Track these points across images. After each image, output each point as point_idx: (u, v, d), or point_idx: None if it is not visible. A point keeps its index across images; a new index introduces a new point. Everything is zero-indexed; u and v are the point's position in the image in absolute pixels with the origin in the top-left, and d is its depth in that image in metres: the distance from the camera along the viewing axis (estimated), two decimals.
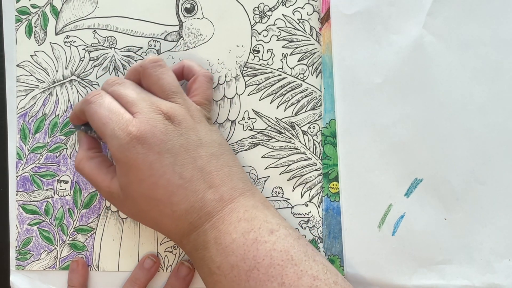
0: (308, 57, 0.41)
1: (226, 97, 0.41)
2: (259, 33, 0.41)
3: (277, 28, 0.41)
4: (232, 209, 0.34)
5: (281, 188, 0.41)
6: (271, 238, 0.33)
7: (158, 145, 0.34)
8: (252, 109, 0.41)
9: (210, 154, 0.35)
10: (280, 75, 0.41)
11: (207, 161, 0.35)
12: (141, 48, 0.42)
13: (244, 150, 0.41)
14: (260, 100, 0.41)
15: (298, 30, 0.41)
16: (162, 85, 0.36)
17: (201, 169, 0.34)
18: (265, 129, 0.41)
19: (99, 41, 0.42)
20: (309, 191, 0.40)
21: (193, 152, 0.35)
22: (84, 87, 0.42)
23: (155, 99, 0.36)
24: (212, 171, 0.35)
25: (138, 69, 0.37)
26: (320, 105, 0.41)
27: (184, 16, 0.41)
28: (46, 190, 0.42)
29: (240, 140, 0.41)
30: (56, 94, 0.42)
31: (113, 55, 0.42)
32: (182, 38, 0.41)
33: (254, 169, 0.41)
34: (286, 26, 0.41)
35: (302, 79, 0.41)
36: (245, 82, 0.41)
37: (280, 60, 0.41)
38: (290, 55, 0.41)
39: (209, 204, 0.34)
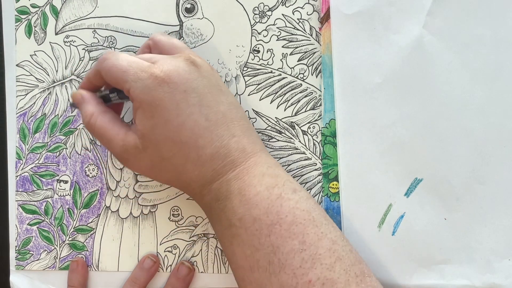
0: (308, 57, 0.41)
1: None
2: (259, 33, 0.41)
3: (277, 28, 0.41)
4: (255, 162, 0.34)
5: None
6: (295, 197, 0.33)
7: (184, 83, 0.33)
8: (252, 109, 0.41)
9: (229, 102, 0.35)
10: (280, 75, 0.41)
11: (228, 109, 0.35)
12: None
13: None
14: (260, 100, 0.41)
15: (298, 30, 0.41)
16: (173, 43, 0.37)
17: (224, 115, 0.34)
18: (265, 129, 0.41)
19: (99, 41, 0.42)
20: (309, 191, 0.40)
21: (216, 95, 0.34)
22: None
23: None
24: (234, 120, 0.34)
25: (148, 44, 0.38)
26: (320, 105, 0.41)
27: (185, 16, 0.41)
28: (45, 190, 0.42)
29: None
30: (56, 94, 0.42)
31: None
32: (182, 38, 0.41)
33: None
34: (286, 26, 0.41)
35: (302, 79, 0.41)
36: (245, 82, 0.41)
37: (280, 60, 0.41)
38: (290, 55, 0.41)
39: (233, 153, 0.34)
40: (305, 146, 0.41)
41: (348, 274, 0.31)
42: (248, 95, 0.41)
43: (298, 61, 0.41)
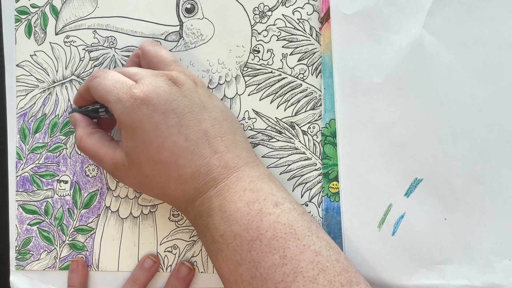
0: (308, 57, 0.41)
1: (227, 97, 0.41)
2: (259, 33, 0.41)
3: (277, 28, 0.41)
4: (237, 177, 0.34)
5: None
6: (276, 211, 0.33)
7: (162, 105, 0.34)
8: (253, 109, 0.41)
9: (213, 118, 0.35)
10: (280, 75, 0.41)
11: (211, 125, 0.35)
12: None
13: None
14: (260, 100, 0.41)
15: (298, 30, 0.41)
16: (161, 55, 0.38)
17: (205, 133, 0.34)
18: (265, 129, 0.41)
19: (99, 41, 0.42)
20: (309, 191, 0.41)
21: (197, 114, 0.35)
22: None
23: (156, 70, 0.37)
24: (217, 136, 0.35)
25: (137, 53, 0.39)
26: (320, 105, 0.41)
27: (185, 16, 0.41)
28: (46, 190, 0.42)
29: None
30: (56, 94, 0.42)
31: (113, 55, 0.42)
32: (182, 38, 0.41)
33: None
34: (286, 26, 0.41)
35: (302, 79, 0.41)
36: (245, 82, 0.41)
37: (280, 60, 0.41)
38: (290, 55, 0.41)
39: (215, 170, 0.34)
40: (305, 146, 0.41)
41: (332, 285, 0.31)
42: (248, 95, 0.41)
43: (298, 61, 0.41)
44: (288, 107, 0.41)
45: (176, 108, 0.34)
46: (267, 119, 0.41)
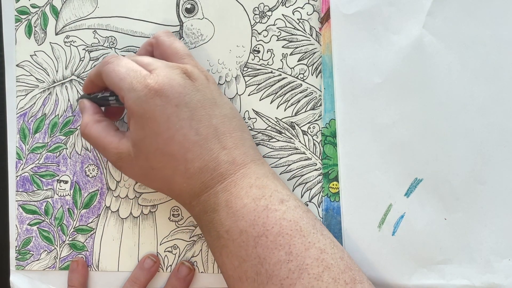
0: (308, 57, 0.41)
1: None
2: (259, 33, 0.41)
3: (277, 28, 0.41)
4: (244, 174, 0.34)
5: None
6: (282, 207, 0.33)
7: (176, 97, 0.34)
8: (253, 109, 0.41)
9: (223, 115, 0.35)
10: (280, 75, 0.41)
11: (221, 121, 0.35)
12: None
13: None
14: (260, 100, 0.41)
15: (298, 30, 0.41)
16: (176, 48, 0.37)
17: (216, 128, 0.35)
18: (265, 129, 0.41)
19: (99, 41, 0.42)
20: (309, 191, 0.41)
21: (208, 109, 0.35)
22: None
23: (170, 62, 0.36)
24: (226, 132, 0.35)
25: (151, 42, 0.38)
26: (320, 105, 0.41)
27: (185, 16, 0.41)
28: (46, 190, 0.42)
29: None
30: (56, 94, 0.42)
31: None
32: (182, 38, 0.41)
33: None
34: (286, 26, 0.41)
35: (302, 79, 0.41)
36: (246, 82, 0.41)
37: (280, 60, 0.41)
38: (290, 55, 0.41)
39: (222, 166, 0.34)
40: (305, 146, 0.41)
41: (337, 282, 0.31)
42: (248, 95, 0.41)
43: (298, 61, 0.41)
44: (288, 107, 0.41)
45: (189, 102, 0.34)
46: (267, 119, 0.41)
